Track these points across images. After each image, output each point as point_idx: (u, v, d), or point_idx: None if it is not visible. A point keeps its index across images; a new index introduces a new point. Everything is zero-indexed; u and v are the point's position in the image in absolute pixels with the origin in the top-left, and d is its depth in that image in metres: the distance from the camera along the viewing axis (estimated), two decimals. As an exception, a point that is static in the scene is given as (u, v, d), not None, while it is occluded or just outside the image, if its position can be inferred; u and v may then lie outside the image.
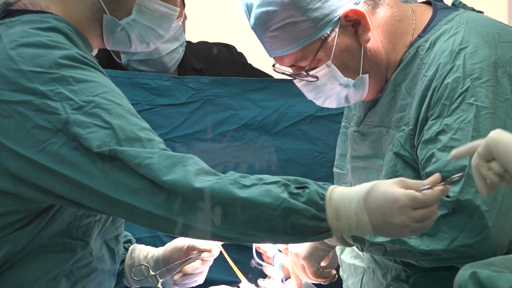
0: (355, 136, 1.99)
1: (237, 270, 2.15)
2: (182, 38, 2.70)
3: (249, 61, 2.91)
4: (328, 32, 1.83)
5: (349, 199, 1.56)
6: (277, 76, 2.19)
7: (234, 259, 2.15)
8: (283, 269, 2.10)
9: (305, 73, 1.86)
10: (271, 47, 1.87)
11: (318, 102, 1.94)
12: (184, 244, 2.01)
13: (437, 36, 1.83)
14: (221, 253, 2.07)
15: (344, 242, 1.81)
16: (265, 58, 2.00)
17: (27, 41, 1.61)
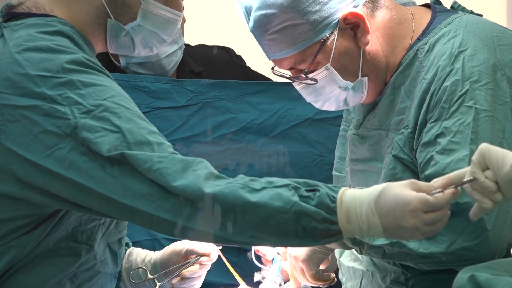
0: (354, 139, 1.99)
1: (235, 273, 2.15)
2: (180, 41, 2.70)
3: (247, 64, 2.91)
4: (327, 35, 1.83)
5: (360, 202, 1.55)
6: (276, 79, 2.19)
7: (233, 262, 2.14)
8: (282, 272, 2.10)
9: (304, 76, 1.86)
10: (270, 50, 1.87)
11: (317, 105, 1.94)
12: (182, 248, 2.01)
13: (436, 39, 1.83)
14: (219, 256, 2.06)
15: (343, 245, 1.81)
16: (264, 61, 2.00)
17: (33, 45, 1.60)
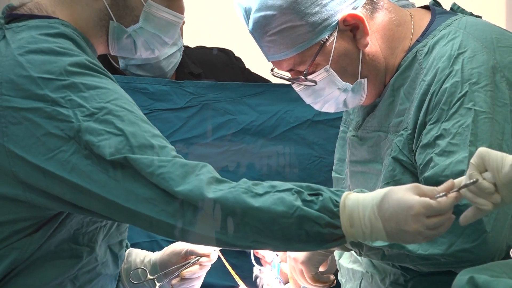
0: (353, 141, 1.99)
1: (235, 274, 2.14)
2: (179, 43, 2.70)
3: (247, 66, 2.91)
4: (327, 37, 1.83)
5: (363, 206, 1.55)
6: (275, 80, 2.19)
7: (232, 263, 2.14)
8: (281, 274, 2.09)
9: (303, 78, 1.86)
10: (270, 52, 1.87)
11: (316, 107, 1.94)
12: (182, 249, 2.01)
13: (435, 41, 1.83)
14: (219, 257, 2.06)
15: (343, 247, 1.81)
16: (263, 62, 2.00)
17: (36, 48, 1.60)
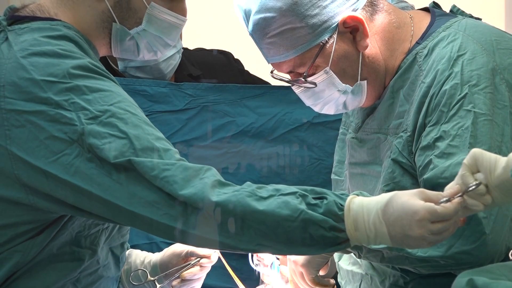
0: (353, 143, 1.99)
1: (235, 276, 2.14)
2: (179, 45, 2.70)
3: (246, 68, 2.91)
4: (326, 39, 1.83)
5: (367, 210, 1.54)
6: (274, 82, 2.19)
7: (232, 265, 2.14)
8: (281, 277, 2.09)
9: (303, 80, 1.86)
10: (269, 54, 1.87)
11: (316, 109, 1.94)
12: (182, 250, 2.00)
13: (435, 43, 1.83)
14: (219, 259, 2.06)
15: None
16: (262, 64, 2.00)
17: (39, 50, 1.59)
